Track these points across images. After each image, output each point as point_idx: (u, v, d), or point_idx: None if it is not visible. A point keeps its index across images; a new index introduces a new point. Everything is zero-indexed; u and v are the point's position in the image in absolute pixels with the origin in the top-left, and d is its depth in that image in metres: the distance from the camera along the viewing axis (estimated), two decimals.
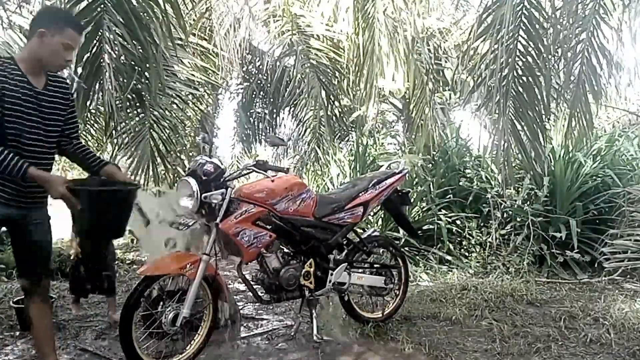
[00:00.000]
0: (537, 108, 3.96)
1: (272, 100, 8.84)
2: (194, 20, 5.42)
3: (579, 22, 3.75)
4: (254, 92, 9.20)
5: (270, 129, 9.53)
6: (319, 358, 2.80)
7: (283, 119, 9.59)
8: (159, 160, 4.41)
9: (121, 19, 3.08)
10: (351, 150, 7.28)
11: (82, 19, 3.10)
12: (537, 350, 2.90)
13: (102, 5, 3.04)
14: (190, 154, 6.28)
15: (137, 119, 4.22)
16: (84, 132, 6.83)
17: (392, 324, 3.39)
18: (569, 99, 4.02)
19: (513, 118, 3.99)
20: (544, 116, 4.03)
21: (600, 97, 4.07)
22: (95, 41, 3.18)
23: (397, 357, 2.86)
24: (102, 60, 3.21)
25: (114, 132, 4.29)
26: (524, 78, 3.94)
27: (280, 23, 6.38)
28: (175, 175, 5.03)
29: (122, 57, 3.31)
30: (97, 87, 3.47)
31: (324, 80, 6.45)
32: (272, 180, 2.82)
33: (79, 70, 3.37)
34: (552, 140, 6.04)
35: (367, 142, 6.52)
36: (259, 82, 8.77)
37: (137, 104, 3.86)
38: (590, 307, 3.75)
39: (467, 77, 5.93)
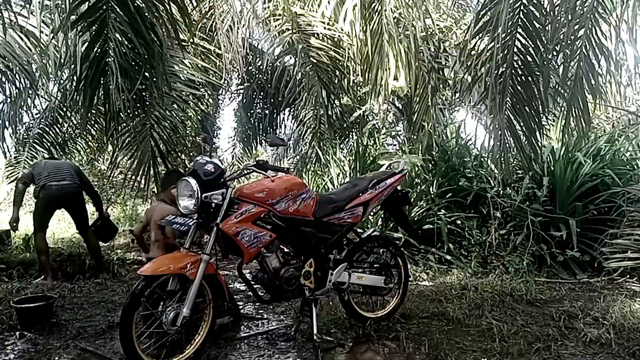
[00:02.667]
0: (534, 104, 3.96)
1: (272, 100, 8.85)
2: (194, 21, 5.42)
3: (577, 18, 3.74)
4: (254, 92, 9.21)
5: (271, 129, 9.54)
6: (319, 358, 2.80)
7: (283, 119, 9.61)
8: (159, 160, 4.42)
9: (126, 19, 3.07)
10: (351, 150, 7.28)
11: (87, 17, 3.07)
12: (536, 349, 2.90)
13: (107, 4, 3.04)
14: (191, 154, 6.30)
15: (137, 119, 4.23)
16: (84, 133, 6.86)
17: (392, 324, 3.40)
18: (566, 96, 4.01)
19: (510, 114, 3.98)
20: (541, 113, 4.03)
21: (598, 94, 4.07)
22: (100, 41, 3.18)
23: (397, 357, 2.86)
24: (107, 60, 3.20)
25: (114, 132, 4.30)
26: (522, 74, 3.93)
27: (280, 22, 6.39)
28: None
29: (127, 57, 3.31)
30: (100, 87, 3.46)
31: (324, 78, 6.46)
32: (272, 180, 2.83)
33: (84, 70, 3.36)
34: (551, 140, 6.05)
35: (367, 142, 6.52)
36: (259, 82, 8.78)
37: (139, 104, 3.87)
38: (589, 307, 3.76)
39: (463, 75, 5.92)
